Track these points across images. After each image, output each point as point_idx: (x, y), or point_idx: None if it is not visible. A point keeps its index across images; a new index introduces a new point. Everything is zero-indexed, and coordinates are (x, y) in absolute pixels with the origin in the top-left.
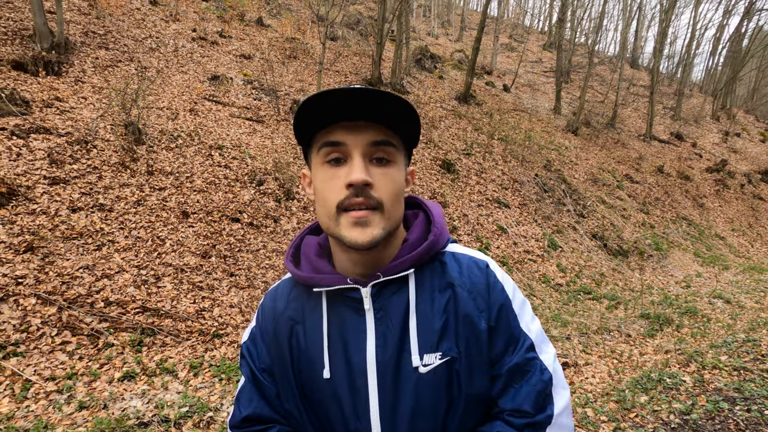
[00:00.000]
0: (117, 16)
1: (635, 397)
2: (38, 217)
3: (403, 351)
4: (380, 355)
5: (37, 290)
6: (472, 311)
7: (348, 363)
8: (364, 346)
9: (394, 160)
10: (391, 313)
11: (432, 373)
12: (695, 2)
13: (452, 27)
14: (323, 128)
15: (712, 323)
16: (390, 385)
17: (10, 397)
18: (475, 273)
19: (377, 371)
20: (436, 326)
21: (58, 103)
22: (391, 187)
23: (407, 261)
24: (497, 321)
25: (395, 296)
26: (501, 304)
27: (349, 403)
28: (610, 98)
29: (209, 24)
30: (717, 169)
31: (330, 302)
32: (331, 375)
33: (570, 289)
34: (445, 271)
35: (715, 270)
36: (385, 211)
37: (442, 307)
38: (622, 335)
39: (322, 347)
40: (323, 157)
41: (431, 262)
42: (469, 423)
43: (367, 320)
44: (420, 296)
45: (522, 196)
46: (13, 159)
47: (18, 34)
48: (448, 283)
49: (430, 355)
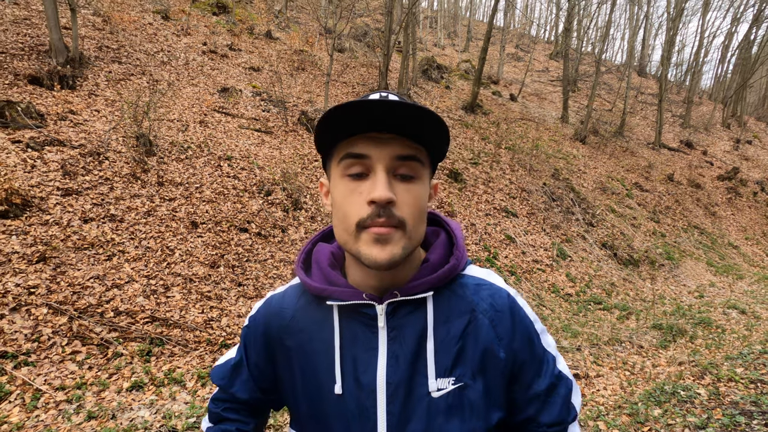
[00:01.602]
0: (130, 31)
1: (648, 410)
2: (51, 228)
3: (416, 373)
4: (391, 376)
5: (48, 300)
6: (492, 340)
7: (357, 380)
8: (375, 364)
9: (419, 176)
10: (406, 334)
11: (444, 398)
12: (703, 10)
13: (458, 38)
14: (346, 138)
15: (726, 334)
16: (399, 407)
17: (20, 406)
18: (498, 302)
19: (387, 392)
20: (451, 351)
21: (72, 116)
22: (414, 205)
23: (427, 283)
24: (527, 352)
25: (411, 316)
26: (528, 334)
27: (356, 421)
28: (618, 106)
29: (219, 37)
30: (729, 177)
31: (341, 315)
32: (343, 391)
33: (580, 299)
34: (465, 295)
35: (729, 280)
36: (408, 231)
37: (459, 333)
38: (634, 346)
39: (333, 361)
40: (344, 169)
41: (450, 284)
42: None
43: (379, 338)
44: (437, 319)
45: (530, 205)
46: (28, 171)
47: (34, 49)
48: (468, 309)
49: (443, 380)
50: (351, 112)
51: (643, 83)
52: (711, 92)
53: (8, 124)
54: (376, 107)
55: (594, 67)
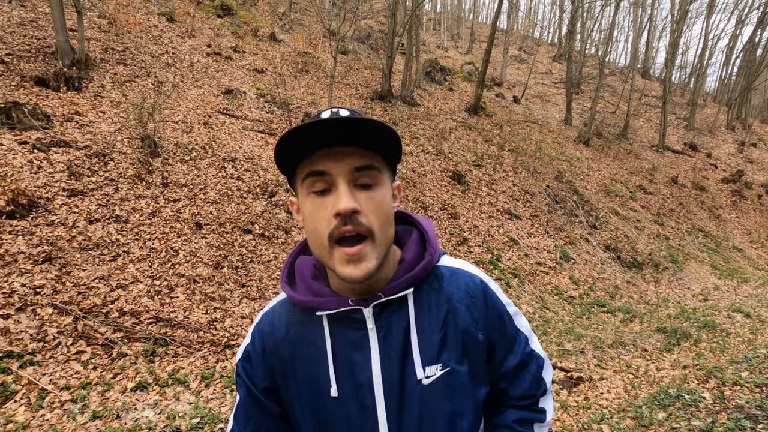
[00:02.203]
0: (135, 33)
1: (653, 414)
2: (56, 229)
3: (406, 366)
4: (385, 372)
5: (54, 300)
6: (470, 325)
7: (354, 381)
8: (369, 363)
9: (378, 182)
10: (393, 331)
11: (434, 383)
12: (707, 12)
13: (462, 40)
14: (305, 158)
15: (731, 338)
16: (396, 398)
17: (26, 406)
18: (472, 289)
19: (383, 387)
20: (435, 340)
21: (77, 118)
22: (379, 211)
23: (405, 281)
24: (499, 331)
25: (395, 315)
26: (499, 315)
27: (357, 419)
28: (622, 109)
29: (224, 39)
30: (733, 180)
31: (331, 323)
32: (339, 394)
33: (583, 302)
34: (441, 286)
35: (734, 283)
36: (376, 238)
37: (440, 322)
38: (637, 349)
39: (327, 367)
40: (308, 187)
41: (427, 278)
42: (475, 428)
43: (370, 339)
44: (419, 312)
45: (533, 208)
46: (34, 172)
47: (41, 51)
48: (445, 299)
49: (432, 367)
50: (307, 133)
51: (646, 85)
52: (715, 95)
53: (15, 125)
54: (329, 125)
55: (597, 69)
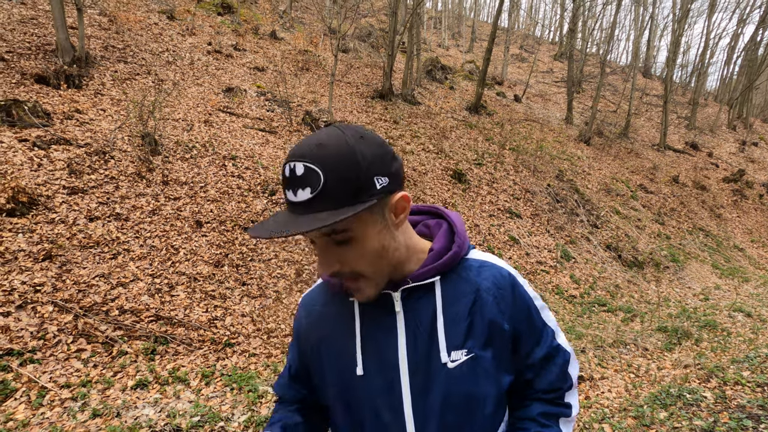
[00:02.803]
0: (135, 31)
1: (654, 414)
2: (57, 226)
3: (432, 349)
4: (411, 353)
5: (54, 298)
6: (497, 315)
7: (381, 360)
8: (395, 344)
9: (353, 238)
10: (420, 315)
11: (459, 367)
12: (709, 11)
13: (463, 38)
14: None
15: (732, 337)
16: (421, 379)
17: (26, 404)
18: (500, 281)
19: (409, 367)
20: (461, 327)
21: (78, 115)
22: (361, 261)
23: (434, 269)
24: (526, 323)
25: (423, 299)
26: (527, 307)
27: (383, 397)
28: (623, 108)
29: (224, 38)
30: (734, 179)
31: (361, 305)
32: (365, 372)
33: (584, 301)
34: (469, 277)
35: (735, 282)
36: (368, 277)
37: (467, 310)
38: (638, 349)
39: (355, 346)
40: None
41: (455, 268)
42: (498, 416)
43: (397, 321)
44: (446, 300)
45: (534, 207)
46: (35, 169)
47: (41, 48)
48: (473, 289)
49: (457, 352)
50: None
51: (648, 84)
52: (716, 94)
53: (15, 122)
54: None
55: (599, 68)
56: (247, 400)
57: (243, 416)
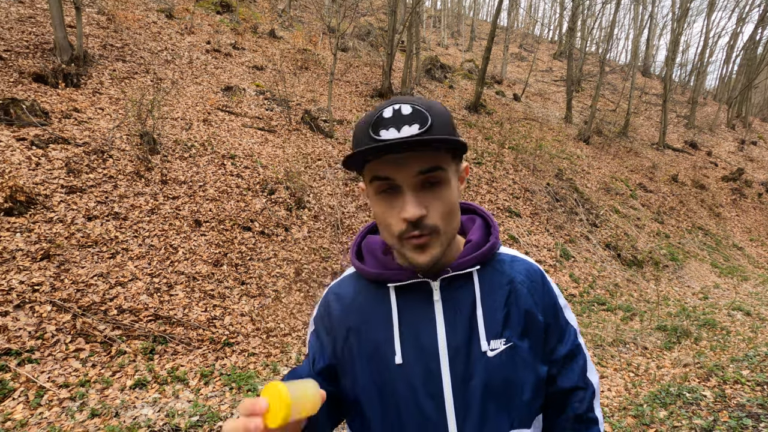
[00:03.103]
0: (134, 30)
1: (654, 413)
2: (55, 226)
3: (472, 337)
4: (451, 340)
5: (52, 297)
6: (532, 306)
7: (420, 348)
8: (434, 332)
9: (444, 180)
10: (460, 304)
11: (498, 356)
12: (708, 10)
13: (462, 37)
14: (372, 159)
15: (731, 336)
16: (461, 366)
17: (24, 403)
18: (532, 274)
19: (449, 354)
20: (499, 317)
21: (76, 114)
22: (444, 208)
23: (473, 259)
24: (553, 317)
25: (461, 289)
26: (554, 303)
27: (422, 385)
28: (622, 107)
29: (223, 36)
30: (733, 178)
31: (398, 294)
32: (403, 360)
33: (583, 300)
34: (503, 269)
35: (734, 281)
36: (442, 233)
37: (503, 301)
38: (638, 347)
39: (392, 336)
40: (376, 188)
41: (490, 261)
42: (535, 403)
43: (436, 310)
44: (483, 290)
45: (533, 206)
46: (32, 168)
47: (39, 47)
48: (507, 280)
49: (496, 341)
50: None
51: (647, 83)
52: (716, 93)
53: (13, 121)
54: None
55: (598, 67)
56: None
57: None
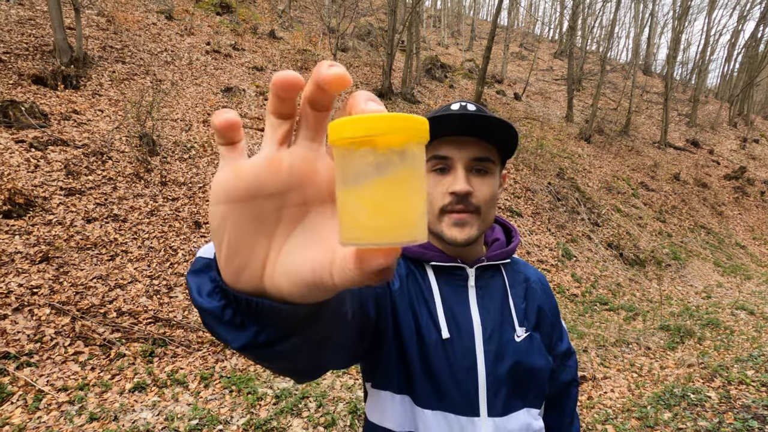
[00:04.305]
0: (134, 31)
1: (658, 414)
2: (54, 228)
3: (503, 322)
4: (484, 323)
5: (51, 300)
6: (544, 303)
7: (457, 327)
8: (469, 315)
9: (491, 171)
10: (491, 292)
11: (523, 342)
12: (709, 8)
13: (462, 37)
14: (433, 141)
15: (735, 336)
16: (495, 347)
17: (22, 407)
18: (541, 277)
19: (483, 335)
20: (520, 308)
21: (75, 116)
22: (487, 194)
23: (502, 254)
24: (555, 318)
25: (493, 279)
26: (556, 305)
27: (459, 359)
28: (623, 105)
29: (223, 37)
30: (735, 177)
31: (437, 275)
32: (450, 335)
33: (586, 300)
34: (519, 269)
35: (737, 280)
36: (482, 214)
37: (522, 295)
38: (641, 348)
39: (436, 314)
40: (431, 166)
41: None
42: (545, 388)
43: (469, 295)
44: (510, 282)
45: (535, 205)
46: (31, 171)
47: (39, 49)
48: (523, 279)
49: (520, 329)
50: (443, 122)
51: (648, 82)
52: (717, 91)
53: (12, 123)
54: (460, 119)
55: (598, 65)
56: (246, 402)
57: (242, 419)
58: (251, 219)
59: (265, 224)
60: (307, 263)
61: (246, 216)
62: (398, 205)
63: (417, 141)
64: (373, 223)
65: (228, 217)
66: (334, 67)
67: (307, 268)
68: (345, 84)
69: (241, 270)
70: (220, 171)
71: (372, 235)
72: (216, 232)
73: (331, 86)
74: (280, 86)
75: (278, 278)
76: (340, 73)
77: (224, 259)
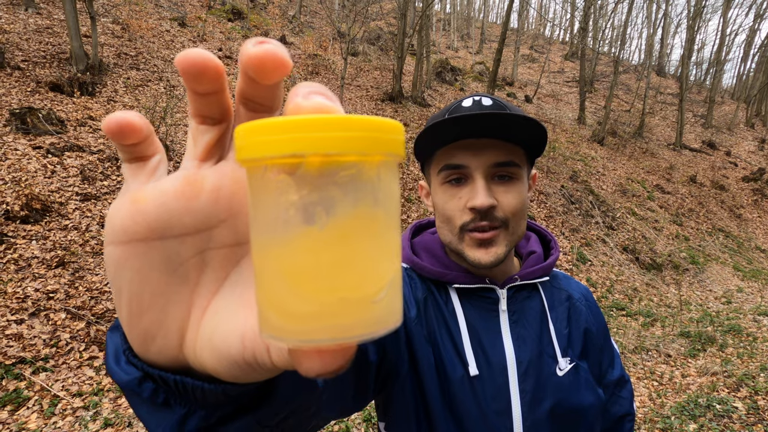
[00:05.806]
0: (147, 38)
1: (683, 425)
2: (70, 233)
3: (543, 353)
4: (519, 355)
5: (67, 305)
6: (591, 324)
7: (487, 361)
8: (501, 345)
9: (517, 176)
10: (527, 316)
11: (567, 376)
12: (724, 8)
13: (472, 40)
14: (443, 146)
15: (758, 343)
16: (531, 384)
17: (38, 413)
18: (586, 293)
19: (518, 370)
20: (563, 334)
21: (91, 122)
22: (515, 204)
23: (540, 270)
24: (605, 339)
25: (528, 301)
26: (605, 325)
27: (490, 400)
28: (637, 107)
29: (235, 43)
30: (754, 179)
31: (461, 299)
32: (479, 372)
33: (602, 305)
34: (560, 285)
35: (758, 285)
36: (510, 228)
37: (565, 317)
38: (661, 355)
39: (462, 345)
40: (444, 177)
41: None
42: (596, 428)
43: (501, 321)
44: (549, 304)
45: (548, 209)
46: (48, 176)
47: (56, 57)
48: (566, 296)
49: (563, 360)
50: (451, 124)
51: (662, 83)
52: (733, 91)
53: (30, 130)
54: (473, 120)
55: (611, 67)
56: None
57: None
58: (160, 266)
59: (181, 273)
60: (236, 331)
61: (152, 262)
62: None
63: (381, 160)
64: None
65: (126, 263)
66: (263, 44)
67: (235, 337)
68: (280, 67)
69: (150, 337)
70: (117, 199)
71: (300, 327)
72: (113, 281)
73: (259, 72)
74: (187, 73)
75: (201, 350)
76: (270, 50)
77: (126, 320)
